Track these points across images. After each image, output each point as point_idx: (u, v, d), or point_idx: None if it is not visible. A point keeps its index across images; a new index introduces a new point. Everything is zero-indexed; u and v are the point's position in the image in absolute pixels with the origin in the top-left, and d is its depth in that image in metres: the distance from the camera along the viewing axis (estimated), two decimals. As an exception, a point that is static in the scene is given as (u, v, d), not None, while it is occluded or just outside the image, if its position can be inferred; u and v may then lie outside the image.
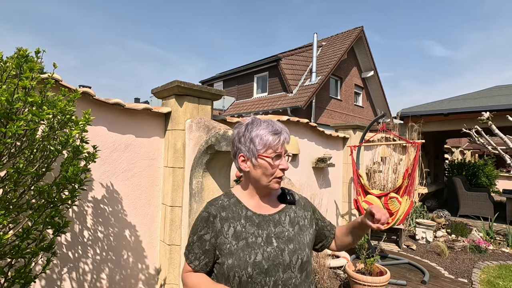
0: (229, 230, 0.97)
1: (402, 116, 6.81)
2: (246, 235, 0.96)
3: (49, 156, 1.47)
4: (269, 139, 0.96)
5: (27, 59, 1.30)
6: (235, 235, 0.96)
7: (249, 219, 1.00)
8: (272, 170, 0.97)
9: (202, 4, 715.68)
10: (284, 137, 0.99)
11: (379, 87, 14.75)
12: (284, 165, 0.99)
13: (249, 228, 0.98)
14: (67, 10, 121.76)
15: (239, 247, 0.94)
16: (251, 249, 0.93)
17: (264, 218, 1.01)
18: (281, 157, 0.99)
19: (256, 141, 0.97)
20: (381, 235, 4.85)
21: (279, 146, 0.97)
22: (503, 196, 6.94)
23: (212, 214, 0.99)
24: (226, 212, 1.00)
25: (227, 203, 1.02)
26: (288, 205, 1.08)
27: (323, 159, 4.27)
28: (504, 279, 3.61)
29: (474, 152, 15.64)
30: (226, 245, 0.95)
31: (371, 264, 3.05)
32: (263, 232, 0.98)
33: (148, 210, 2.50)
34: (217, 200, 1.04)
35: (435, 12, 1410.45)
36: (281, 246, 0.96)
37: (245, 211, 1.01)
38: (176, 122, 2.45)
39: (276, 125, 1.00)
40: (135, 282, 2.41)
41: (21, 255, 1.35)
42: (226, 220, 0.98)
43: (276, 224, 1.01)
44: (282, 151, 0.98)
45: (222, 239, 0.96)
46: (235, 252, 0.93)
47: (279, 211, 1.05)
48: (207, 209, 1.01)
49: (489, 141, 5.14)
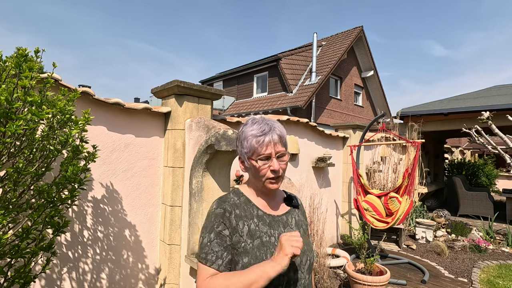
0: (244, 228, 0.95)
1: (402, 115, 6.81)
2: (260, 234, 0.96)
3: (49, 156, 1.46)
4: (253, 142, 0.94)
5: (27, 59, 1.29)
6: (250, 234, 0.94)
7: (260, 218, 0.99)
8: (261, 172, 0.95)
9: (202, 4, 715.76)
10: (270, 138, 0.94)
11: (379, 86, 14.74)
12: (273, 166, 0.94)
13: (262, 227, 0.97)
14: (67, 10, 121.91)
15: (254, 245, 0.93)
16: (267, 248, 0.93)
17: (274, 219, 1.02)
18: (271, 158, 0.95)
19: (244, 144, 0.97)
20: (381, 234, 4.85)
21: (264, 147, 0.94)
22: (503, 195, 6.95)
23: (227, 210, 0.96)
24: (239, 210, 0.98)
25: (238, 202, 1.00)
26: (293, 208, 1.10)
27: (323, 158, 4.27)
28: (504, 278, 3.61)
29: (474, 151, 15.65)
30: (241, 243, 0.93)
31: (371, 263, 3.05)
32: (274, 232, 0.98)
33: (148, 210, 2.50)
34: (228, 198, 1.01)
35: (435, 12, 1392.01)
36: None
37: (256, 210, 1.00)
38: (176, 122, 2.45)
39: (264, 126, 0.96)
40: (135, 282, 2.41)
41: (21, 255, 1.35)
42: (240, 218, 0.96)
43: (285, 225, 1.02)
44: (270, 152, 0.94)
45: (237, 237, 0.93)
46: (251, 251, 0.92)
47: (286, 213, 1.06)
48: (221, 206, 0.97)
49: (489, 141, 5.13)
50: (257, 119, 1.01)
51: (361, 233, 3.75)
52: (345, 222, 4.83)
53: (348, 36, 13.17)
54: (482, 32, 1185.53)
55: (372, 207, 3.96)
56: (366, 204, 4.01)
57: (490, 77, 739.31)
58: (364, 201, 4.06)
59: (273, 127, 0.96)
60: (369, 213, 3.97)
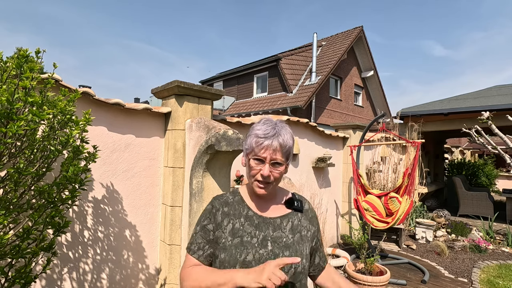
0: (228, 226, 0.98)
1: (402, 115, 6.81)
2: (243, 233, 0.97)
3: (50, 156, 1.47)
4: (253, 141, 0.96)
5: (28, 59, 1.30)
6: (232, 232, 0.97)
7: (249, 218, 1.00)
8: (252, 172, 0.96)
9: (202, 4, 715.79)
10: (269, 143, 0.93)
11: (379, 86, 14.75)
12: (263, 171, 0.93)
13: (247, 227, 0.98)
14: (67, 10, 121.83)
15: (233, 243, 0.95)
16: (244, 247, 0.94)
17: (264, 220, 1.00)
18: (264, 163, 0.94)
19: (247, 140, 1.00)
20: (381, 234, 4.86)
21: (261, 150, 0.94)
22: (503, 195, 6.95)
23: (215, 207, 1.03)
24: (229, 208, 1.02)
25: (231, 200, 1.05)
26: (293, 211, 1.05)
27: (323, 159, 4.27)
28: (504, 278, 3.61)
29: (474, 151, 15.65)
30: (222, 239, 0.96)
31: (371, 263, 3.05)
32: (260, 234, 0.97)
33: (148, 210, 2.50)
34: (222, 196, 1.07)
35: (435, 12, 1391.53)
36: (275, 251, 0.94)
37: (247, 210, 1.02)
38: (176, 122, 2.45)
39: (271, 130, 0.95)
40: (135, 282, 2.41)
41: (22, 255, 1.36)
42: (227, 216, 1.00)
43: (276, 228, 0.99)
44: (265, 156, 0.93)
45: (220, 233, 0.98)
46: (228, 248, 0.94)
47: (282, 216, 1.03)
48: (212, 202, 1.05)
49: (489, 141, 5.14)
50: (270, 121, 0.99)
51: (361, 233, 3.75)
52: (345, 222, 4.84)
53: (348, 36, 13.18)
54: (482, 32, 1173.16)
55: (372, 207, 3.96)
56: (366, 204, 4.01)
57: (490, 77, 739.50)
58: (364, 201, 4.06)
59: (278, 133, 0.95)
60: (369, 213, 3.98)
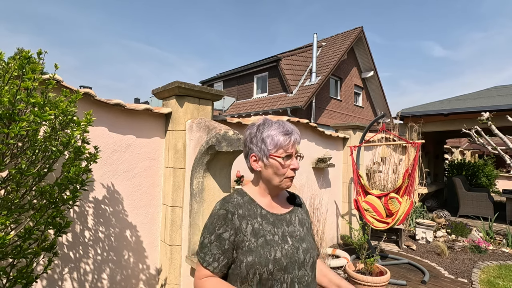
0: (248, 228, 0.97)
1: (402, 116, 6.82)
2: (264, 232, 0.97)
3: (51, 157, 1.47)
4: (280, 139, 0.99)
5: (30, 60, 1.30)
6: (254, 233, 0.96)
7: (264, 217, 1.01)
8: (283, 170, 0.99)
9: (202, 4, 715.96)
10: (295, 138, 1.01)
11: (379, 87, 14.76)
12: (295, 165, 1.01)
13: (265, 226, 0.99)
14: (67, 10, 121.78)
15: (258, 244, 0.94)
16: (270, 246, 0.95)
17: (277, 217, 1.03)
18: (292, 157, 1.01)
19: (267, 141, 0.99)
20: (381, 235, 4.86)
21: (290, 146, 0.99)
22: (503, 196, 6.95)
23: (230, 212, 0.98)
24: (243, 210, 1.00)
25: (241, 201, 1.02)
26: (296, 206, 1.12)
27: (323, 159, 4.27)
28: (504, 279, 3.62)
29: (474, 152, 15.65)
30: (245, 242, 0.95)
31: (371, 264, 3.06)
32: (278, 231, 1.00)
33: (149, 211, 2.51)
34: (231, 198, 1.03)
35: (435, 13, 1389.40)
36: (295, 245, 0.99)
37: (260, 210, 1.02)
38: (176, 123, 2.46)
39: (287, 126, 1.01)
40: (136, 282, 2.42)
41: (23, 255, 1.36)
42: (243, 218, 0.98)
43: (288, 223, 1.04)
44: (292, 151, 1.00)
45: (241, 237, 0.95)
46: (255, 250, 0.93)
47: (289, 212, 1.08)
48: (224, 207, 0.99)
49: (489, 141, 5.14)
50: (271, 120, 1.06)
51: (361, 234, 3.76)
52: (345, 223, 4.84)
53: (348, 36, 13.19)
54: (482, 32, 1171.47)
55: (372, 207, 3.96)
56: (366, 205, 4.02)
57: (490, 77, 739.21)
58: (364, 201, 4.06)
59: (291, 128, 1.02)
60: (369, 213, 3.98)
